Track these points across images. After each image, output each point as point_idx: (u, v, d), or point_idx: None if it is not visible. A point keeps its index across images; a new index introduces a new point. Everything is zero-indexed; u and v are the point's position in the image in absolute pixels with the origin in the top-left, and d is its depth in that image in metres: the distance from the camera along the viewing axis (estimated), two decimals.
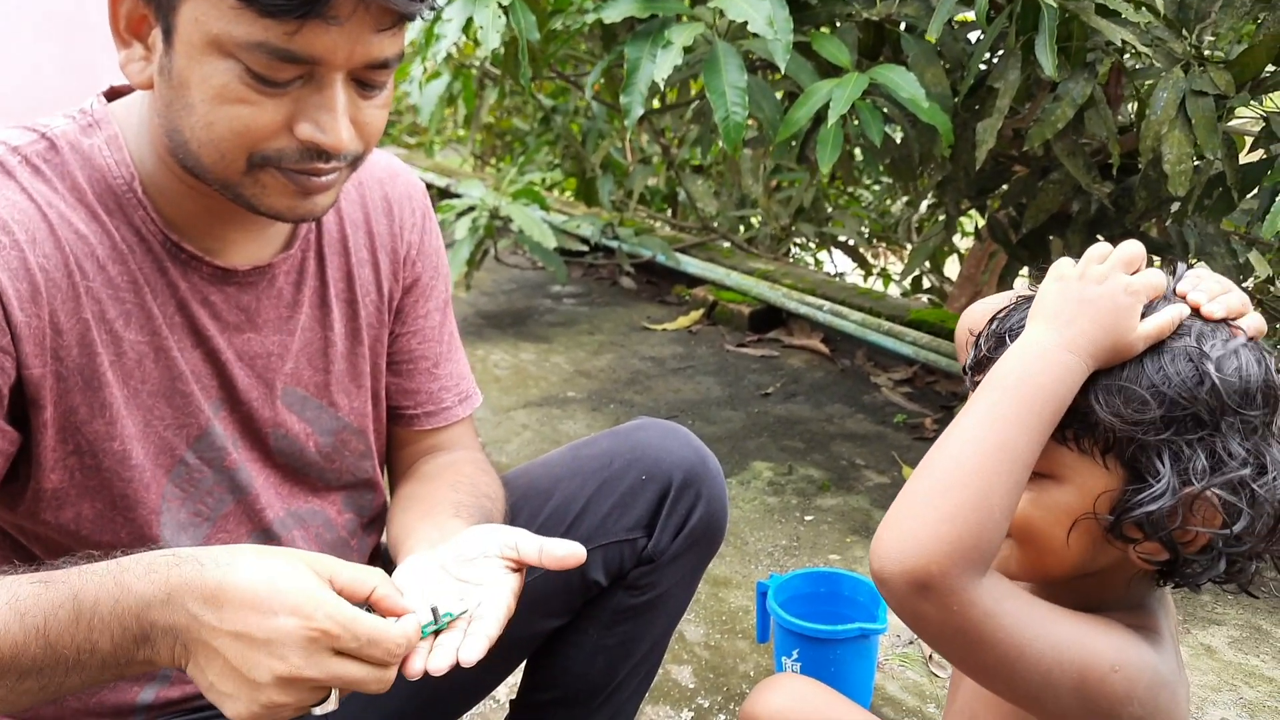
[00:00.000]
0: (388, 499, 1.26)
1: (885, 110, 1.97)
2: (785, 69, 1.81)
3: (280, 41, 0.83)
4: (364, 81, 0.90)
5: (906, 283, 4.23)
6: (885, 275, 4.57)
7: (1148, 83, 2.11)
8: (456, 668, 0.85)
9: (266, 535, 1.11)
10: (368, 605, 0.85)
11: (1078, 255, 0.84)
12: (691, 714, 1.80)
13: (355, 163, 0.96)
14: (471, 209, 3.58)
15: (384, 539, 1.27)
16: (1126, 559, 0.82)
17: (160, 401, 1.00)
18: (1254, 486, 0.76)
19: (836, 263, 4.64)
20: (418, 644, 0.85)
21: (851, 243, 4.33)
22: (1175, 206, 2.39)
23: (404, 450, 1.27)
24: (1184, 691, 0.84)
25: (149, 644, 0.79)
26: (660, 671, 1.91)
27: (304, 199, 0.94)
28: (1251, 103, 2.19)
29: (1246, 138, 2.37)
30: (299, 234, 1.09)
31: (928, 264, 4.10)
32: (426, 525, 1.08)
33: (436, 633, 0.88)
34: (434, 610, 0.89)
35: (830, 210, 4.49)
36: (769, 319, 3.62)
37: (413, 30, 2.24)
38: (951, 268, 4.13)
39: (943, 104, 1.92)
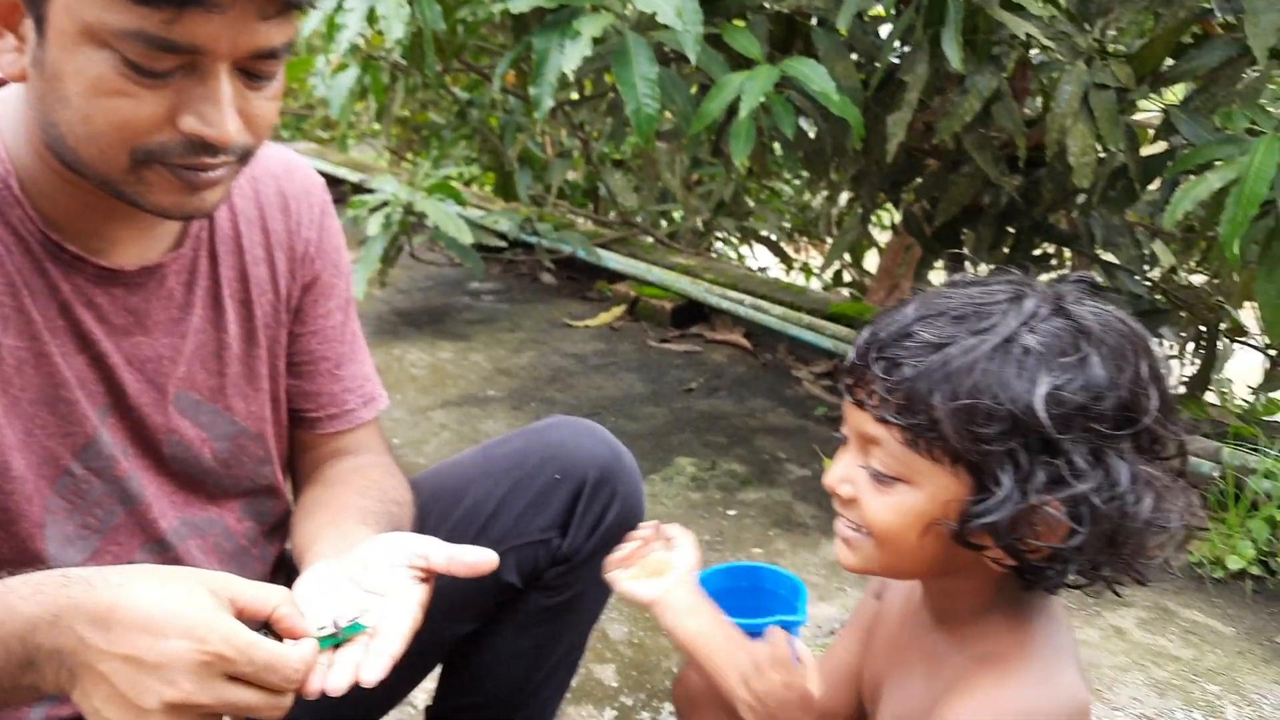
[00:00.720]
0: (291, 505, 1.23)
1: (797, 103, 1.99)
2: (696, 61, 1.81)
3: (158, 30, 0.80)
4: (251, 72, 0.87)
5: (827, 276, 4.28)
6: (806, 269, 4.61)
7: (1052, 76, 2.17)
8: (357, 686, 0.84)
9: (160, 547, 1.07)
10: (267, 625, 0.83)
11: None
12: (615, 713, 1.80)
13: (245, 157, 0.93)
14: (385, 205, 3.53)
15: (288, 546, 1.25)
16: (982, 561, 0.84)
17: (42, 410, 0.97)
18: (1094, 501, 0.78)
19: (758, 257, 4.68)
20: (316, 662, 0.83)
21: (774, 237, 4.37)
22: (1081, 198, 2.46)
23: (307, 455, 1.24)
24: (1064, 687, 0.85)
25: (34, 669, 0.76)
26: (583, 671, 1.90)
27: (191, 195, 0.90)
28: (1151, 95, 2.26)
29: (1150, 130, 2.45)
30: (190, 232, 1.06)
31: (848, 257, 4.16)
32: (331, 532, 1.06)
33: (337, 645, 0.87)
34: (335, 622, 0.87)
35: (752, 205, 4.52)
36: (691, 314, 3.63)
37: (315, 20, 2.20)
38: (872, 261, 4.19)
39: (854, 97, 1.95)
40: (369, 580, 0.94)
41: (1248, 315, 2.79)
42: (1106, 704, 1.81)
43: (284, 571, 1.25)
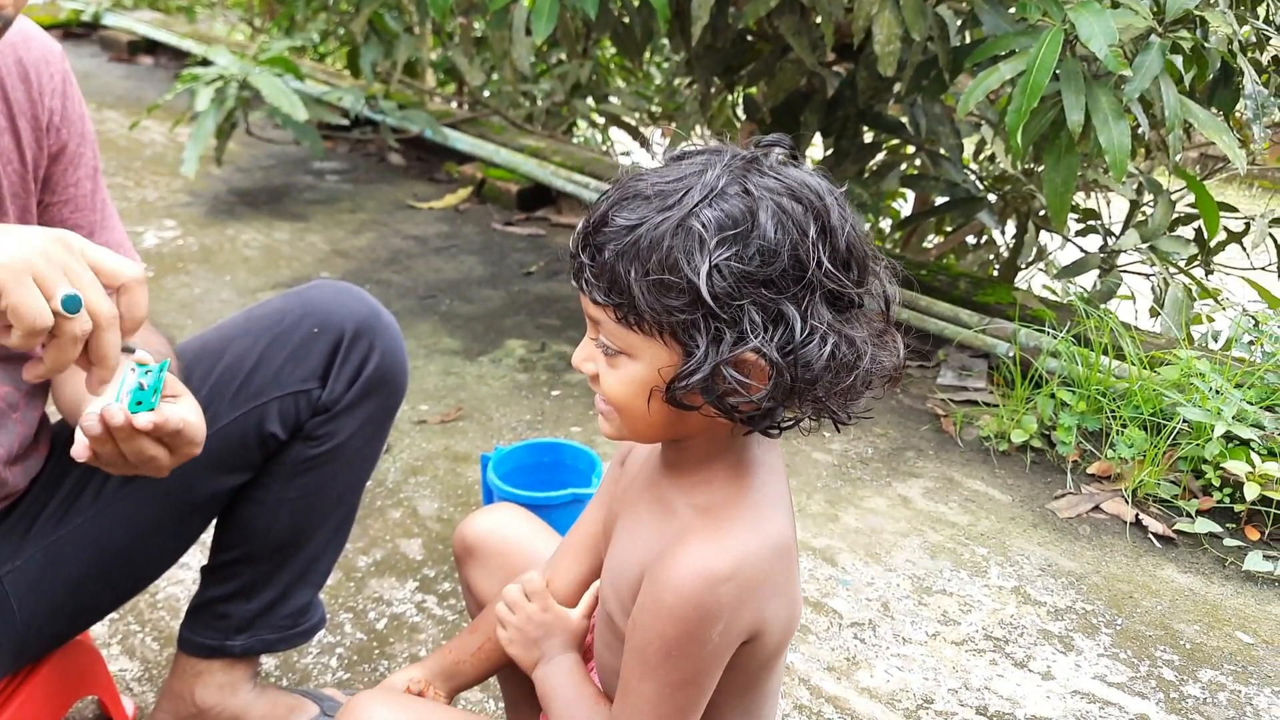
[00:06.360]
0: None
1: None
2: None
3: None
4: None
5: None
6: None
7: None
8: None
9: None
10: None
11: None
12: (416, 583, 1.95)
13: (3, 30, 1.02)
14: (220, 79, 3.52)
15: (49, 409, 1.34)
16: (714, 419, 0.98)
17: None
18: (767, 353, 0.91)
19: (617, 141, 4.77)
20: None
21: (634, 122, 4.46)
22: (898, 87, 2.62)
23: None
24: (771, 530, 1.01)
25: None
26: (389, 545, 2.05)
27: None
28: None
29: None
30: None
31: (715, 143, 4.27)
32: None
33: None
34: (140, 361, 1.07)
35: (621, 87, 4.59)
36: (539, 197, 3.73)
37: None
38: None
39: None
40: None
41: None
42: (882, 565, 2.04)
43: (46, 433, 1.35)
